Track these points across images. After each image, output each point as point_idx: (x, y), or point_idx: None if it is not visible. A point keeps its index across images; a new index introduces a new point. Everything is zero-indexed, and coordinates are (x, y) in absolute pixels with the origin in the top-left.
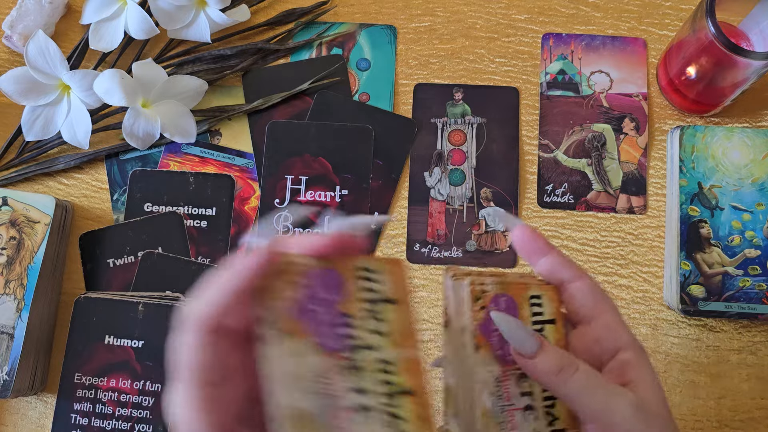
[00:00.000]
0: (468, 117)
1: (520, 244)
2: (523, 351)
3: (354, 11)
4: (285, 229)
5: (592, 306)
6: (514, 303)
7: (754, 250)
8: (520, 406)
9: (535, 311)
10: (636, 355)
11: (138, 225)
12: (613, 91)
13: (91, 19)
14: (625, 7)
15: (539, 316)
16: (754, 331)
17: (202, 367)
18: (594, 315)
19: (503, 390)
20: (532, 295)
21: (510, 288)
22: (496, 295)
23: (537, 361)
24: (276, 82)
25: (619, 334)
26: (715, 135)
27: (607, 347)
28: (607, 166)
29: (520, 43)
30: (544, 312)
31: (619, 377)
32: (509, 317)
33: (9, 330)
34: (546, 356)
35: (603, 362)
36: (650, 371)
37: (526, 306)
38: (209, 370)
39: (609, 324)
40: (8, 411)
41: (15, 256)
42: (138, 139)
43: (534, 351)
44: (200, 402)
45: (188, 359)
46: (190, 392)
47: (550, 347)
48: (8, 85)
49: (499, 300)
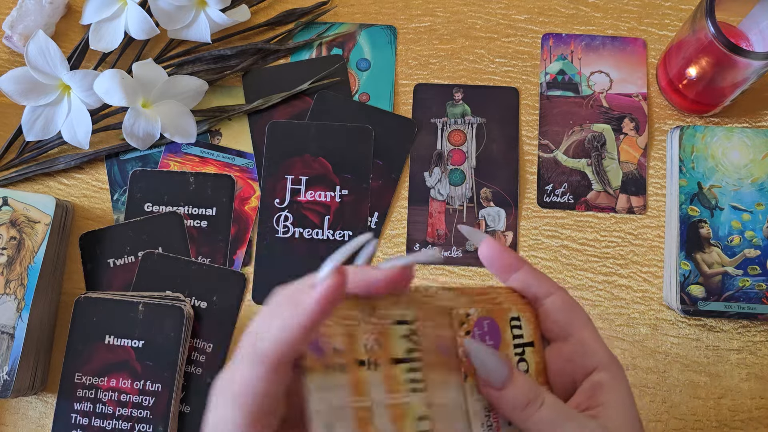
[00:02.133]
0: (468, 117)
1: (488, 261)
2: (492, 381)
3: (354, 11)
4: (285, 229)
5: (566, 322)
6: (496, 326)
7: (753, 250)
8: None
9: (515, 333)
10: (610, 376)
11: (138, 225)
12: (612, 91)
13: (92, 19)
14: (624, 8)
15: (520, 339)
16: (753, 331)
17: (261, 394)
18: (569, 331)
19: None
20: (512, 317)
21: (492, 312)
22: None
23: (504, 393)
24: (276, 82)
25: (594, 351)
26: (715, 135)
27: (582, 365)
28: (606, 166)
29: (520, 44)
30: (524, 334)
31: (589, 399)
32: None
33: (9, 330)
34: (514, 389)
35: (576, 381)
36: (624, 394)
37: (507, 329)
38: (266, 398)
39: (584, 340)
40: (8, 411)
41: (15, 256)
42: (138, 139)
43: (502, 382)
44: (248, 425)
45: (248, 387)
46: (242, 415)
47: (520, 378)
48: (8, 85)
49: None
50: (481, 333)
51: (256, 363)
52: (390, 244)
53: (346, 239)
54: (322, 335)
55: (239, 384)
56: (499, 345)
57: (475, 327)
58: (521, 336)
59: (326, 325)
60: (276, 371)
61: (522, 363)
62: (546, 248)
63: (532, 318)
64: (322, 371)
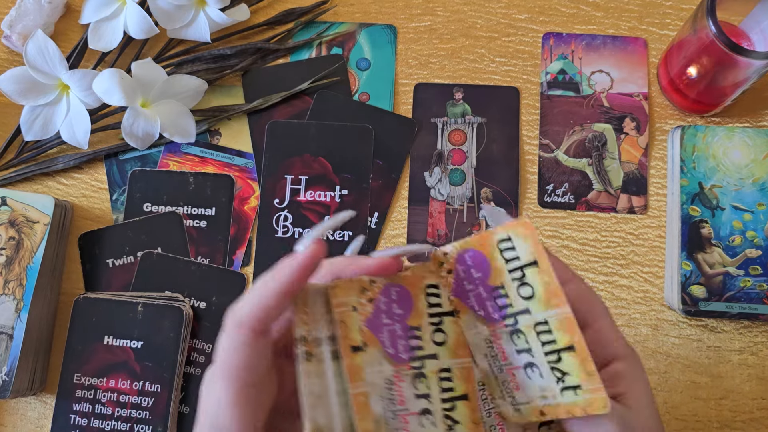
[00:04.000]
0: (468, 117)
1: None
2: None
3: (354, 11)
4: (285, 229)
5: (582, 311)
6: (482, 257)
7: (755, 250)
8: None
9: (432, 302)
10: (630, 366)
11: (137, 225)
12: (613, 90)
13: (91, 18)
14: (625, 7)
15: (437, 308)
16: (755, 332)
17: (244, 367)
18: (585, 321)
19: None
20: (428, 284)
21: (404, 279)
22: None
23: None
24: (276, 81)
25: (611, 342)
26: (716, 135)
27: (600, 356)
28: (607, 165)
29: (521, 43)
30: (443, 303)
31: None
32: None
33: (8, 330)
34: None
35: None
36: (643, 385)
37: (421, 296)
38: (248, 369)
39: (601, 331)
40: (7, 411)
41: (14, 256)
42: (137, 139)
43: None
44: (236, 398)
45: (230, 360)
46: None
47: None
48: (7, 85)
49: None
50: (388, 301)
51: (235, 330)
52: (390, 244)
53: (346, 239)
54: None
55: (221, 355)
56: (410, 313)
57: (380, 294)
58: (439, 305)
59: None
60: (255, 337)
61: (438, 334)
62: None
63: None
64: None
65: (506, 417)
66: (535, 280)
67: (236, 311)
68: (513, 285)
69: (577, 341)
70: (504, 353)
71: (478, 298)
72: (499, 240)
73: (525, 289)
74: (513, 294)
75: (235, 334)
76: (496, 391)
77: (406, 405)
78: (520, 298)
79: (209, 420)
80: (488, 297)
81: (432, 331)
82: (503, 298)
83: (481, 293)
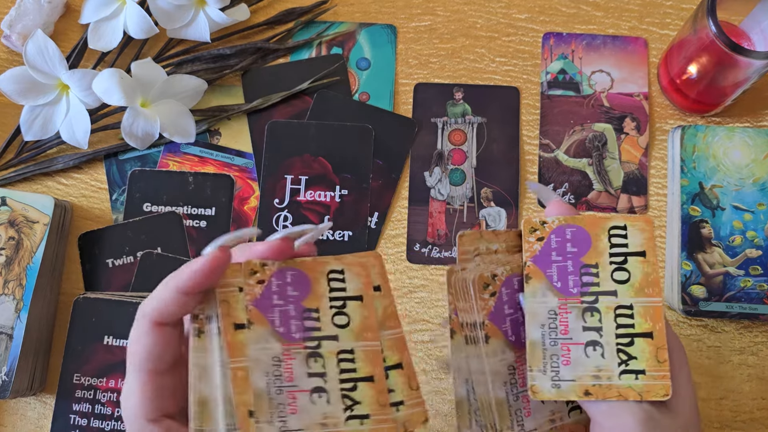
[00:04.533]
0: (468, 116)
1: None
2: None
3: (354, 10)
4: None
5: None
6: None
7: (755, 250)
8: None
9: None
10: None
11: (137, 225)
12: (613, 90)
13: (90, 18)
14: (626, 7)
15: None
16: (755, 332)
17: (147, 355)
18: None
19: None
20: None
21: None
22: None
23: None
24: (275, 81)
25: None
26: (716, 135)
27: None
28: (608, 165)
29: (521, 43)
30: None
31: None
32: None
33: (8, 330)
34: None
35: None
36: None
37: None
38: (154, 358)
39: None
40: (7, 412)
41: (14, 256)
42: (137, 139)
43: None
44: (144, 387)
45: (135, 348)
46: (136, 378)
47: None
48: (7, 85)
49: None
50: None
51: (139, 320)
52: (390, 244)
53: (346, 239)
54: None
55: (130, 344)
56: (307, 296)
57: (273, 277)
58: (343, 290)
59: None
60: (154, 327)
61: (341, 317)
62: None
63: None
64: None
65: (537, 392)
66: (636, 268)
67: (142, 305)
68: (609, 267)
69: (658, 329)
70: (567, 327)
71: (562, 270)
72: (613, 226)
73: (621, 273)
74: (605, 275)
75: (137, 324)
76: (537, 363)
77: (295, 382)
78: (611, 280)
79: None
80: (574, 272)
81: (333, 314)
82: (591, 276)
83: (568, 267)
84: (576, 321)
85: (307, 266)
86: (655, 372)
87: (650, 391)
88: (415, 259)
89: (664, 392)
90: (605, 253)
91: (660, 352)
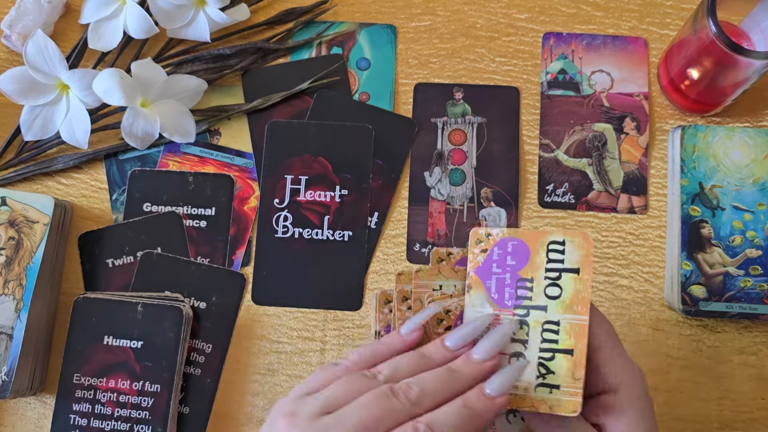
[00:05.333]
0: (468, 116)
1: None
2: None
3: (354, 10)
4: (284, 229)
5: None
6: (525, 247)
7: (755, 250)
8: (508, 352)
9: (553, 258)
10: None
11: (137, 225)
12: (613, 90)
13: (90, 18)
14: (626, 7)
15: (558, 264)
16: (755, 332)
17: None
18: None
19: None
20: (552, 240)
21: (524, 235)
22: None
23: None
24: (275, 81)
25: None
26: (716, 135)
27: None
28: (607, 165)
29: (521, 43)
30: (566, 259)
31: (591, 417)
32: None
33: (8, 330)
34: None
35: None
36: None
37: (541, 251)
38: None
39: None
40: (7, 411)
41: (14, 256)
42: (137, 139)
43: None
44: None
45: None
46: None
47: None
48: (7, 85)
49: (506, 243)
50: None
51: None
52: (390, 244)
53: (346, 239)
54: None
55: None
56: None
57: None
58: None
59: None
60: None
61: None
62: None
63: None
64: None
65: None
66: (569, 285)
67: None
68: (544, 282)
69: (579, 348)
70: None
71: (500, 282)
72: (552, 241)
73: (553, 289)
74: (539, 290)
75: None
76: None
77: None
78: (544, 295)
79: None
80: (511, 285)
81: (546, 284)
82: (526, 290)
83: (506, 279)
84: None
85: (529, 237)
86: (569, 388)
87: (561, 405)
88: (415, 259)
89: (572, 408)
90: (541, 267)
91: (577, 370)
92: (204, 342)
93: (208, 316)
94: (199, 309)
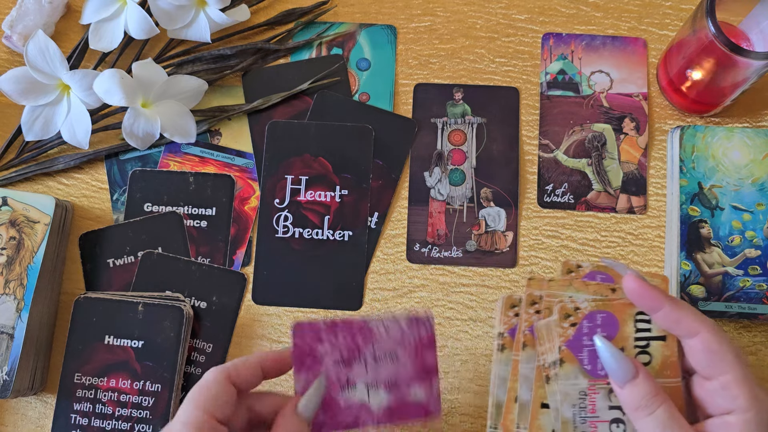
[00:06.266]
0: (468, 117)
1: (632, 296)
2: (614, 379)
3: (354, 11)
4: (285, 229)
5: (707, 365)
6: (614, 320)
7: (754, 250)
8: (606, 419)
9: (641, 327)
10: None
11: (138, 225)
12: (613, 91)
13: (91, 19)
14: (625, 7)
15: (646, 332)
16: (754, 332)
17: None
18: (710, 374)
19: (588, 402)
20: (639, 311)
21: (611, 306)
22: (591, 313)
23: (622, 392)
24: (276, 82)
25: (734, 396)
26: (716, 135)
27: (718, 405)
28: (607, 166)
29: (521, 43)
30: (652, 328)
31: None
32: (607, 344)
33: (9, 330)
34: (631, 389)
35: (710, 415)
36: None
37: (630, 322)
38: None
39: (725, 385)
40: (8, 411)
41: (15, 256)
42: (138, 139)
43: (623, 381)
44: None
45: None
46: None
47: (643, 381)
48: (8, 85)
49: (594, 317)
50: (592, 326)
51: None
52: (390, 244)
53: (346, 239)
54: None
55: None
56: (615, 336)
57: (585, 320)
58: (649, 330)
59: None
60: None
61: (643, 355)
62: (546, 248)
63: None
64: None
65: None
66: (657, 351)
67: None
68: (634, 351)
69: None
70: (595, 407)
71: (592, 354)
72: (639, 311)
73: (643, 356)
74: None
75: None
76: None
77: (597, 413)
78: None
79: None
80: None
81: (636, 353)
82: None
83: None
84: (603, 401)
85: (617, 308)
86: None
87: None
88: (415, 259)
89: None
90: (630, 337)
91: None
92: (205, 342)
93: (208, 315)
94: (200, 309)
